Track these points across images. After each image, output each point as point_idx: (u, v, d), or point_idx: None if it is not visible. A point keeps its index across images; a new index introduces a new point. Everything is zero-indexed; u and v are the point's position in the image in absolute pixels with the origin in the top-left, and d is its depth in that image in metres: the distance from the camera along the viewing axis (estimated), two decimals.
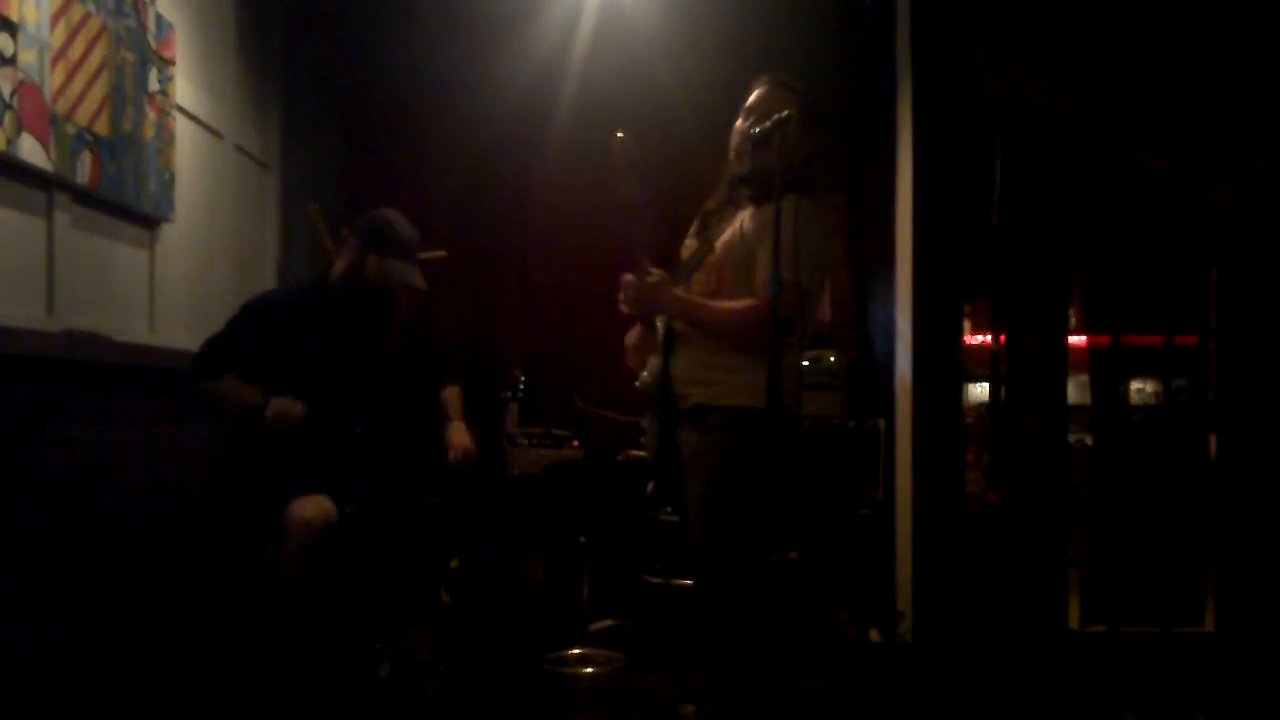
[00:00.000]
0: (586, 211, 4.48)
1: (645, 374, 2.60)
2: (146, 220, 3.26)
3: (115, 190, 2.97)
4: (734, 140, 2.59)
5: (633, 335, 2.75)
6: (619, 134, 2.46)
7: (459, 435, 3.21)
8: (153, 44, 3.18)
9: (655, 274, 2.52)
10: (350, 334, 3.08)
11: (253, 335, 2.98)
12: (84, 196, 2.87)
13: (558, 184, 4.58)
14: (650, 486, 2.96)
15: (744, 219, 2.53)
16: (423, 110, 4.58)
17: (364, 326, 3.10)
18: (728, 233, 2.56)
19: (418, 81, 4.57)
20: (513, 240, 4.65)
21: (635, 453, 3.97)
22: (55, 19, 2.64)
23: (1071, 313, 3.93)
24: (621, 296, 2.56)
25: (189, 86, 3.53)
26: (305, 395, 2.92)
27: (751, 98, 2.60)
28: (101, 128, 2.87)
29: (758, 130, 2.43)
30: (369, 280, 3.03)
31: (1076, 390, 3.97)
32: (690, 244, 2.71)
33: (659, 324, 2.59)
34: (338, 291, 3.08)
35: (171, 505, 3.13)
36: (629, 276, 2.54)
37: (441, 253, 3.41)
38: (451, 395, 3.32)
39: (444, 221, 4.48)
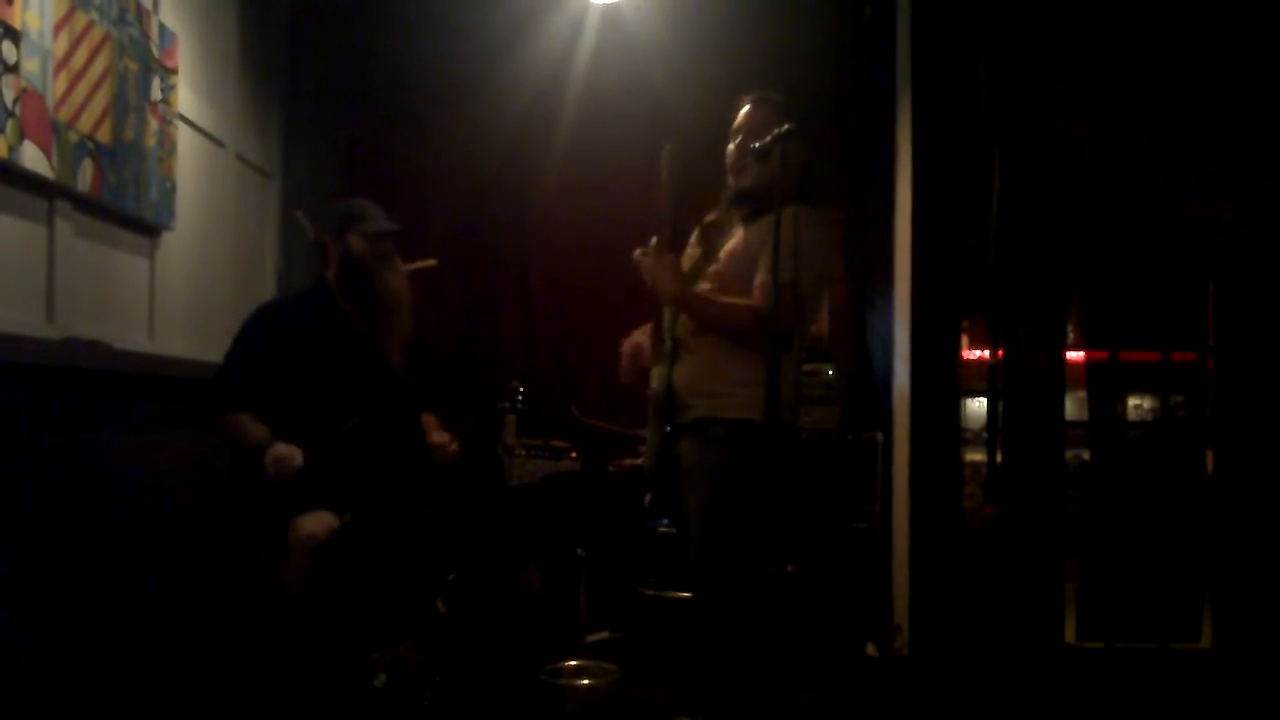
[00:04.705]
0: (587, 221, 4.49)
1: (654, 382, 2.61)
2: (147, 228, 3.27)
3: (116, 198, 2.98)
4: (730, 158, 2.62)
5: (629, 343, 2.76)
6: (666, 145, 2.48)
7: (440, 435, 3.24)
8: (155, 53, 3.19)
9: (661, 251, 2.52)
10: (357, 336, 3.08)
11: (259, 354, 2.96)
12: (85, 204, 2.87)
13: (559, 193, 4.58)
14: (648, 499, 2.96)
15: (746, 230, 2.54)
16: (424, 119, 4.59)
17: (371, 322, 3.09)
18: (731, 243, 2.58)
19: (419, 90, 4.58)
20: (513, 250, 4.65)
21: (628, 461, 3.97)
22: (58, 27, 2.65)
23: (1070, 328, 3.94)
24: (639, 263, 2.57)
25: (191, 95, 3.54)
26: (314, 405, 2.92)
27: (739, 117, 2.64)
28: (103, 136, 2.88)
29: (758, 145, 2.45)
30: (359, 260, 3.03)
31: (1074, 406, 3.98)
32: (691, 253, 2.72)
33: (665, 334, 2.60)
34: (340, 290, 3.08)
35: (171, 513, 3.12)
36: (640, 252, 2.56)
37: (432, 261, 3.42)
38: (429, 420, 3.32)
39: (444, 230, 4.49)
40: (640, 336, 2.77)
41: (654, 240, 2.55)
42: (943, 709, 3.45)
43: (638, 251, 2.56)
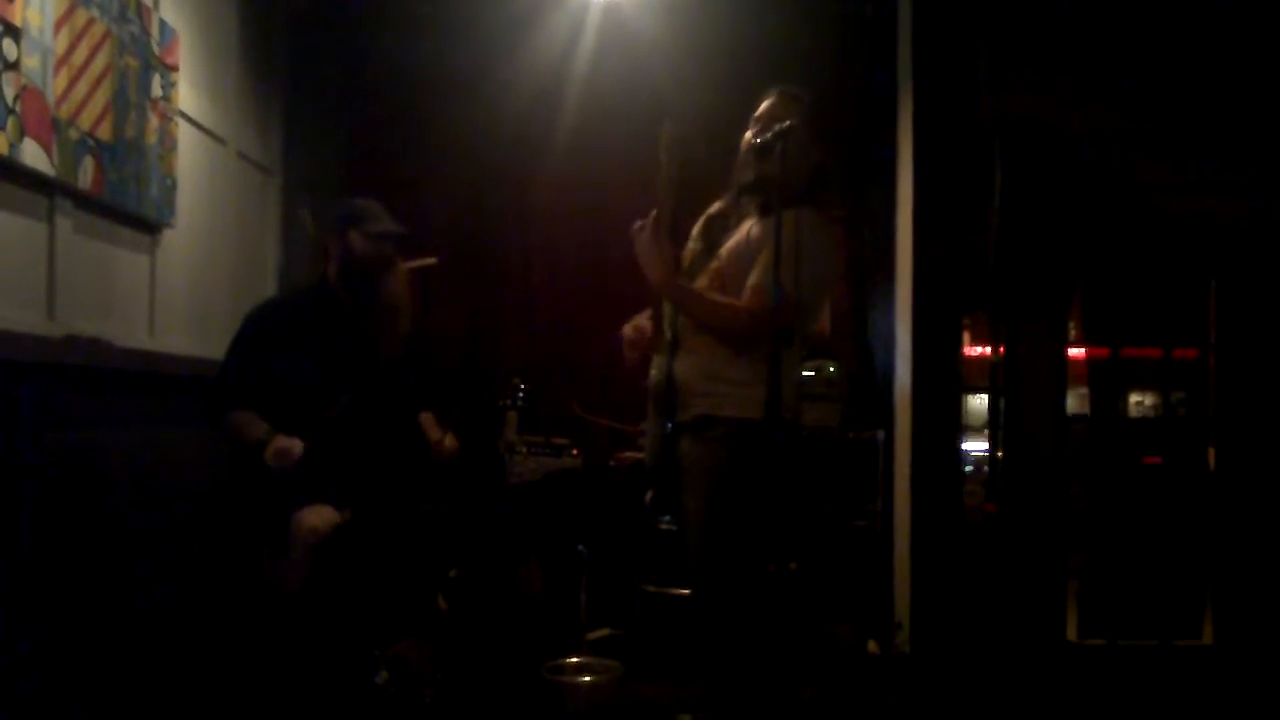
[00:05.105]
0: (588, 219, 4.50)
1: (654, 372, 2.60)
2: (148, 226, 3.27)
3: (117, 195, 2.98)
4: (742, 147, 2.59)
5: (630, 325, 2.74)
6: (667, 125, 2.46)
7: (437, 431, 3.24)
8: (156, 50, 3.19)
9: (657, 234, 2.51)
10: (357, 334, 3.07)
11: (258, 353, 2.96)
12: (86, 202, 2.87)
13: (560, 190, 4.58)
14: (649, 496, 2.95)
15: (751, 227, 2.52)
16: (425, 116, 4.59)
17: (371, 321, 3.09)
18: (733, 240, 2.56)
19: (420, 87, 4.58)
20: (514, 247, 4.65)
21: (628, 454, 3.97)
22: (59, 25, 2.65)
23: (1071, 325, 3.94)
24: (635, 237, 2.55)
25: (191, 92, 3.53)
26: (314, 403, 2.92)
27: (760, 108, 2.60)
28: (104, 133, 2.88)
29: (760, 140, 2.44)
30: (361, 259, 3.03)
31: (1075, 402, 3.98)
32: (693, 247, 2.70)
33: (666, 327, 2.59)
34: (339, 288, 3.08)
35: (171, 509, 3.12)
36: (639, 225, 2.52)
37: (432, 259, 3.41)
38: (427, 419, 3.32)
39: (445, 227, 4.49)
40: (642, 320, 2.75)
41: (653, 214, 2.52)
42: (944, 706, 3.45)
43: (637, 224, 2.54)
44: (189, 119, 3.53)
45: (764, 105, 2.60)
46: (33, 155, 2.54)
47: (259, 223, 4.25)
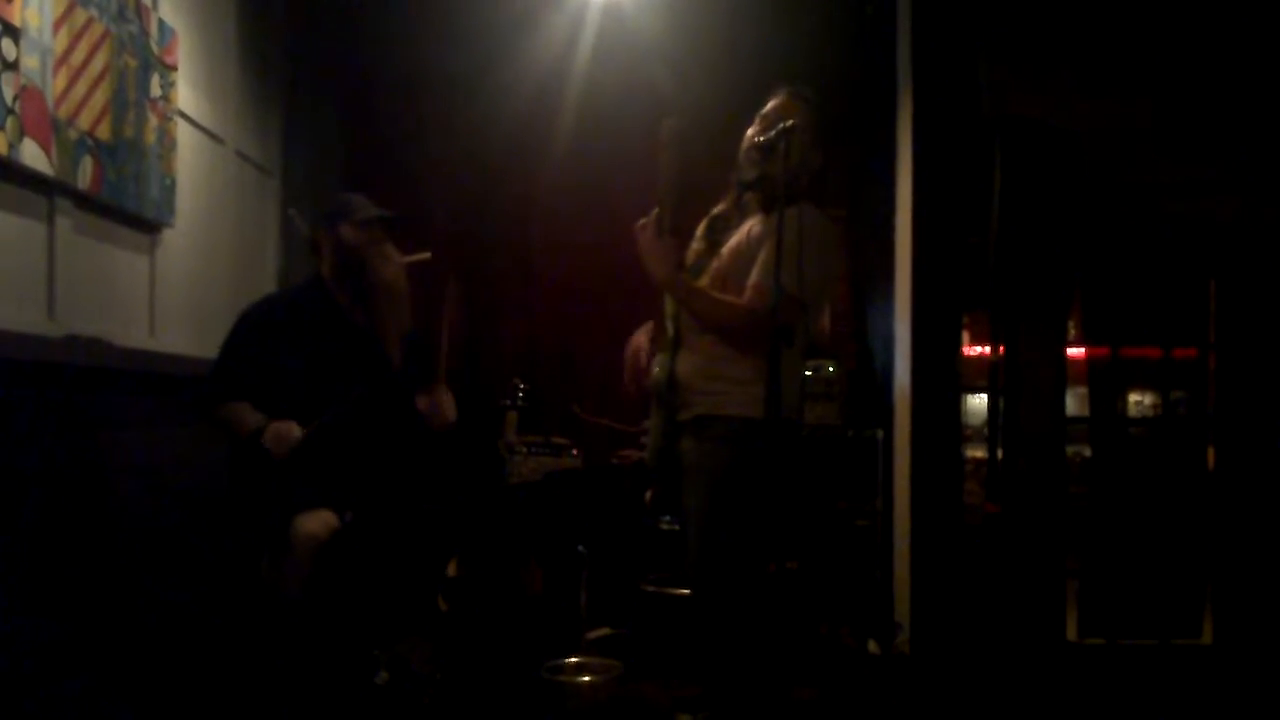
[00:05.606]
0: (588, 218, 4.49)
1: (657, 369, 2.61)
2: (147, 225, 3.26)
3: (116, 195, 2.98)
4: (743, 147, 2.60)
5: (631, 349, 2.76)
6: (666, 121, 2.46)
7: (424, 400, 3.21)
8: (155, 49, 3.19)
9: (659, 230, 2.51)
10: (353, 332, 3.07)
11: (254, 349, 2.96)
12: (85, 201, 2.87)
13: (561, 190, 4.58)
14: (649, 495, 2.95)
15: (752, 226, 2.53)
16: (426, 116, 4.59)
17: (367, 308, 3.08)
18: (734, 240, 2.56)
19: (421, 87, 4.58)
20: (515, 247, 4.66)
21: (629, 452, 3.97)
22: (58, 24, 2.65)
23: (1071, 324, 3.94)
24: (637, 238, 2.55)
25: (191, 92, 3.53)
26: (312, 400, 2.91)
27: (767, 106, 2.61)
28: (103, 133, 2.88)
29: (763, 138, 2.44)
30: (353, 249, 3.02)
31: (1075, 402, 3.98)
32: (696, 247, 2.71)
33: (669, 324, 2.60)
34: (335, 284, 3.07)
35: (171, 509, 3.12)
36: (642, 223, 2.53)
37: (426, 254, 3.40)
38: (421, 400, 3.30)
39: (446, 227, 4.49)
40: (641, 338, 2.75)
41: (654, 212, 2.52)
42: (944, 706, 3.45)
43: (639, 222, 2.54)
44: (188, 118, 3.52)
45: (770, 104, 2.60)
46: (32, 155, 2.54)
47: (258, 222, 4.25)
